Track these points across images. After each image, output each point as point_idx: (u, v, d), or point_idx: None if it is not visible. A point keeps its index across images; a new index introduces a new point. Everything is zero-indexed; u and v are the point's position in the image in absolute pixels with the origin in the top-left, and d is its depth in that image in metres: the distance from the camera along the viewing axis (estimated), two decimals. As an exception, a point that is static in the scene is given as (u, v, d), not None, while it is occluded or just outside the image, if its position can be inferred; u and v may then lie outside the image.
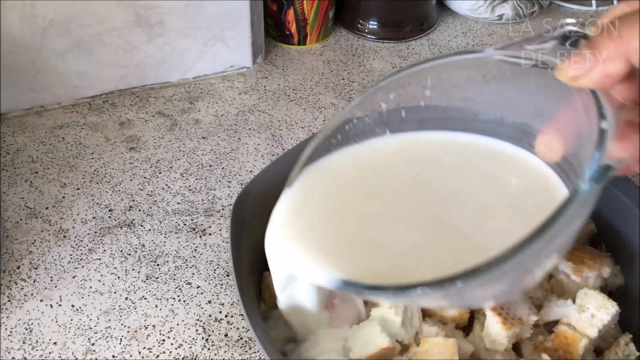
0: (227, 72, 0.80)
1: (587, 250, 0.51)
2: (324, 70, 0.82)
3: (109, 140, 0.70)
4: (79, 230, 0.60)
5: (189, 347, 0.52)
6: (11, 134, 0.70)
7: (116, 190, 0.64)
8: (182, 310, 0.54)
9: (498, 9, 0.90)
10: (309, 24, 0.84)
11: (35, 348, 0.51)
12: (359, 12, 0.88)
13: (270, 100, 0.77)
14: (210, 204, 0.64)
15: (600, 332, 0.46)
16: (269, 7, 0.83)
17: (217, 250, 0.59)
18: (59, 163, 0.67)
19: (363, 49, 0.86)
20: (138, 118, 0.73)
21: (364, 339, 0.44)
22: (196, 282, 0.57)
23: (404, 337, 0.45)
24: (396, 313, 0.45)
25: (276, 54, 0.85)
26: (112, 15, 0.70)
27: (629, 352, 0.47)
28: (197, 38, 0.75)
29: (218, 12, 0.74)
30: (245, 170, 0.67)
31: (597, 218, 0.55)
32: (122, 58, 0.73)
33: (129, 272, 0.57)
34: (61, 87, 0.73)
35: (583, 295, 0.47)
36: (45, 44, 0.69)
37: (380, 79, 0.39)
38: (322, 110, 0.76)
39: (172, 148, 0.70)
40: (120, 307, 0.54)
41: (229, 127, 0.73)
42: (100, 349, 0.51)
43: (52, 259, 0.58)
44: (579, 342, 0.45)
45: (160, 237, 0.60)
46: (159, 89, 0.77)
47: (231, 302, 0.55)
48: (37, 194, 0.64)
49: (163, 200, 0.64)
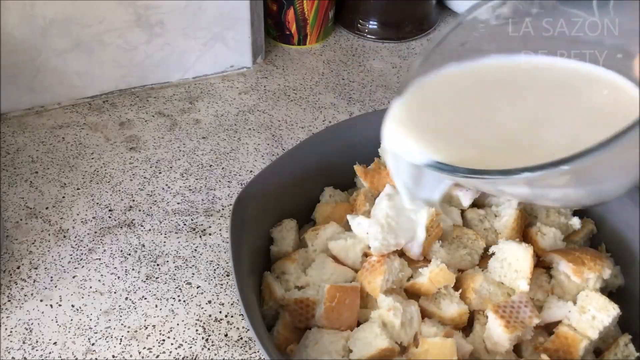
0: (227, 72, 0.80)
1: (587, 251, 0.51)
2: (324, 70, 0.82)
3: (109, 140, 0.70)
4: (79, 230, 0.60)
5: (189, 347, 0.52)
6: (11, 134, 0.70)
7: (116, 190, 0.65)
8: (182, 310, 0.54)
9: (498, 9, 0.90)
10: (309, 24, 0.84)
11: (35, 348, 0.51)
12: (359, 12, 0.88)
13: (270, 100, 0.77)
14: (210, 204, 0.64)
15: (601, 333, 0.46)
16: (269, 7, 0.83)
17: (217, 250, 0.59)
18: (59, 163, 0.67)
19: (363, 49, 0.86)
20: (138, 118, 0.73)
21: (364, 341, 0.45)
22: (196, 282, 0.57)
23: (403, 339, 0.45)
24: (395, 315, 0.45)
25: (276, 54, 0.85)
26: (112, 15, 0.70)
27: (628, 352, 0.47)
28: (197, 38, 0.75)
29: (218, 12, 0.74)
30: (245, 170, 0.68)
31: (597, 218, 0.55)
32: (122, 58, 0.73)
33: (129, 272, 0.57)
34: (61, 87, 0.73)
35: (584, 297, 0.47)
36: (45, 44, 0.69)
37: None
38: (322, 110, 0.76)
39: (172, 148, 0.70)
40: (120, 307, 0.54)
41: (229, 127, 0.73)
42: (100, 349, 0.51)
43: (52, 259, 0.58)
44: (579, 343, 0.45)
45: (160, 237, 0.60)
46: (159, 89, 0.77)
47: (231, 302, 0.55)
48: (37, 194, 0.64)
49: (163, 200, 0.64)
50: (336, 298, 0.46)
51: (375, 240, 0.47)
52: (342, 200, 0.57)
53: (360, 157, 0.57)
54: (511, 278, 0.48)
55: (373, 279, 0.47)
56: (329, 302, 0.46)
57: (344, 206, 0.55)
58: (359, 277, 0.49)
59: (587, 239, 0.56)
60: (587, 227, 0.55)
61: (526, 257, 0.48)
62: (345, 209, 0.55)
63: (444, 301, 0.48)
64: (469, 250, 0.51)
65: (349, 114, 0.75)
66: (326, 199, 0.57)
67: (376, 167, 0.56)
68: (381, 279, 0.46)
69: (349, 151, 0.58)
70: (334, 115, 0.75)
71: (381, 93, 0.78)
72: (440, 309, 0.48)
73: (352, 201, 0.55)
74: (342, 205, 0.55)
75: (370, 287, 0.47)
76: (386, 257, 0.47)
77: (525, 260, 0.48)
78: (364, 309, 0.48)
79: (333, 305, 0.46)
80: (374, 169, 0.55)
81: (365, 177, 0.55)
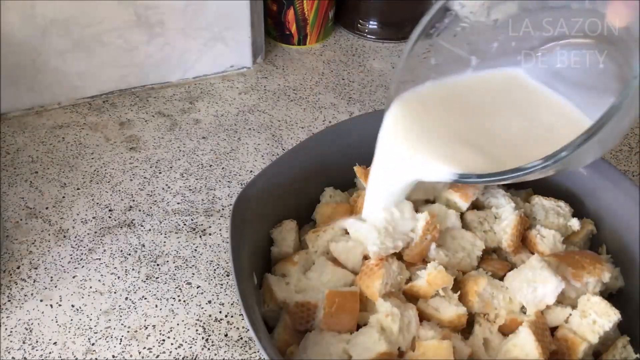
0: (227, 72, 0.80)
1: (586, 254, 0.50)
2: (324, 70, 0.82)
3: (109, 140, 0.70)
4: (79, 230, 0.60)
5: (189, 347, 0.52)
6: (11, 134, 0.70)
7: (116, 190, 0.65)
8: (182, 310, 0.54)
9: (498, 9, 0.90)
10: (309, 24, 0.84)
11: (35, 348, 0.51)
12: (359, 12, 0.88)
13: (270, 100, 0.77)
14: (210, 204, 0.64)
15: (601, 338, 0.46)
16: (269, 7, 0.83)
17: (217, 250, 0.59)
18: (59, 163, 0.67)
19: (363, 49, 0.86)
20: (138, 118, 0.73)
21: (363, 346, 0.45)
22: (196, 282, 0.57)
23: (401, 343, 0.46)
24: (393, 321, 0.45)
25: (276, 54, 0.85)
26: (112, 15, 0.70)
27: (626, 354, 0.47)
28: (197, 38, 0.75)
29: (218, 12, 0.74)
30: (245, 170, 0.68)
31: (596, 218, 0.55)
32: (122, 58, 0.73)
33: (129, 272, 0.57)
34: (61, 87, 0.73)
35: (586, 301, 0.47)
36: (45, 44, 0.69)
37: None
38: (322, 110, 0.76)
39: (172, 148, 0.70)
40: (120, 307, 0.55)
41: (229, 127, 0.73)
42: (100, 349, 0.52)
43: (52, 259, 0.58)
44: (578, 346, 0.45)
45: (160, 237, 0.60)
46: (159, 89, 0.77)
47: (231, 302, 0.55)
48: (37, 194, 0.64)
49: (163, 200, 0.64)
50: (335, 303, 0.46)
51: (374, 245, 0.48)
52: (342, 200, 0.57)
53: (360, 157, 0.57)
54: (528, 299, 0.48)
55: (371, 282, 0.47)
56: (328, 307, 0.46)
57: (344, 207, 0.55)
58: (357, 281, 0.49)
59: (587, 240, 0.55)
60: (587, 227, 0.55)
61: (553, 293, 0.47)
62: (346, 209, 0.55)
63: (442, 303, 0.48)
64: (468, 253, 0.51)
65: (349, 114, 0.75)
66: (326, 199, 0.57)
67: (376, 167, 0.56)
68: (379, 283, 0.46)
69: (349, 151, 0.58)
70: (334, 115, 0.75)
71: (381, 93, 0.78)
72: (438, 312, 0.48)
73: (353, 202, 0.55)
74: (342, 205, 0.55)
75: (369, 291, 0.47)
76: (384, 261, 0.47)
77: (552, 294, 0.47)
78: (364, 312, 0.48)
79: (332, 310, 0.46)
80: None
81: (365, 178, 0.55)
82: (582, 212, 0.56)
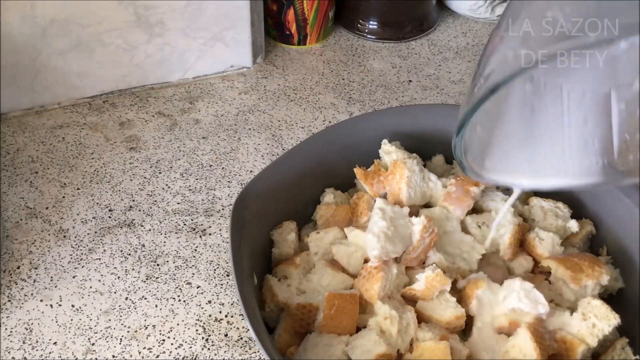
0: (227, 72, 0.80)
1: (585, 257, 0.50)
2: (324, 70, 0.82)
3: (109, 140, 0.70)
4: (79, 230, 0.61)
5: (189, 347, 0.52)
6: (11, 134, 0.70)
7: (116, 190, 0.65)
8: (182, 310, 0.54)
9: (498, 9, 0.90)
10: (309, 24, 0.84)
11: (35, 348, 0.51)
12: (359, 12, 0.88)
13: (270, 100, 0.77)
14: (210, 204, 0.64)
15: (600, 342, 0.46)
16: (269, 7, 0.83)
17: (217, 250, 0.59)
18: (59, 163, 0.67)
19: (363, 49, 0.86)
20: (138, 118, 0.73)
21: (362, 348, 0.45)
22: (196, 282, 0.57)
23: (400, 346, 0.46)
24: (392, 324, 0.45)
25: (276, 54, 0.85)
26: (112, 15, 0.70)
27: (625, 355, 0.47)
28: (197, 38, 0.75)
29: (218, 12, 0.74)
30: (245, 170, 0.68)
31: (596, 219, 0.55)
32: (122, 58, 0.73)
33: (129, 272, 0.57)
34: (61, 87, 0.73)
35: (586, 304, 0.47)
36: (45, 44, 0.69)
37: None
38: (322, 110, 0.76)
39: (172, 148, 0.70)
40: (120, 307, 0.55)
41: (229, 127, 0.73)
42: (100, 349, 0.52)
43: (52, 259, 0.58)
44: (577, 347, 0.45)
45: (160, 237, 0.60)
46: (159, 89, 0.77)
47: (231, 302, 0.55)
48: (37, 194, 0.64)
49: (163, 200, 0.64)
50: (335, 305, 0.46)
51: (374, 250, 0.48)
52: (342, 201, 0.57)
53: (360, 158, 0.57)
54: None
55: (370, 286, 0.47)
56: (328, 309, 0.46)
57: (345, 208, 0.55)
58: (356, 284, 0.49)
59: (587, 240, 0.56)
60: (586, 228, 0.55)
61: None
62: (346, 210, 0.55)
63: (441, 305, 0.48)
64: (467, 256, 0.51)
65: (349, 114, 0.75)
66: (326, 200, 0.57)
67: (376, 169, 0.56)
68: (378, 286, 0.47)
69: (349, 151, 0.58)
70: (334, 115, 0.75)
71: (381, 93, 0.79)
72: (436, 313, 0.48)
73: (353, 204, 0.55)
74: (342, 207, 0.55)
75: (368, 294, 0.47)
76: (383, 264, 0.48)
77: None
78: (363, 315, 0.48)
79: (332, 313, 0.46)
80: (374, 170, 0.55)
81: (365, 179, 0.55)
82: (582, 213, 0.56)
